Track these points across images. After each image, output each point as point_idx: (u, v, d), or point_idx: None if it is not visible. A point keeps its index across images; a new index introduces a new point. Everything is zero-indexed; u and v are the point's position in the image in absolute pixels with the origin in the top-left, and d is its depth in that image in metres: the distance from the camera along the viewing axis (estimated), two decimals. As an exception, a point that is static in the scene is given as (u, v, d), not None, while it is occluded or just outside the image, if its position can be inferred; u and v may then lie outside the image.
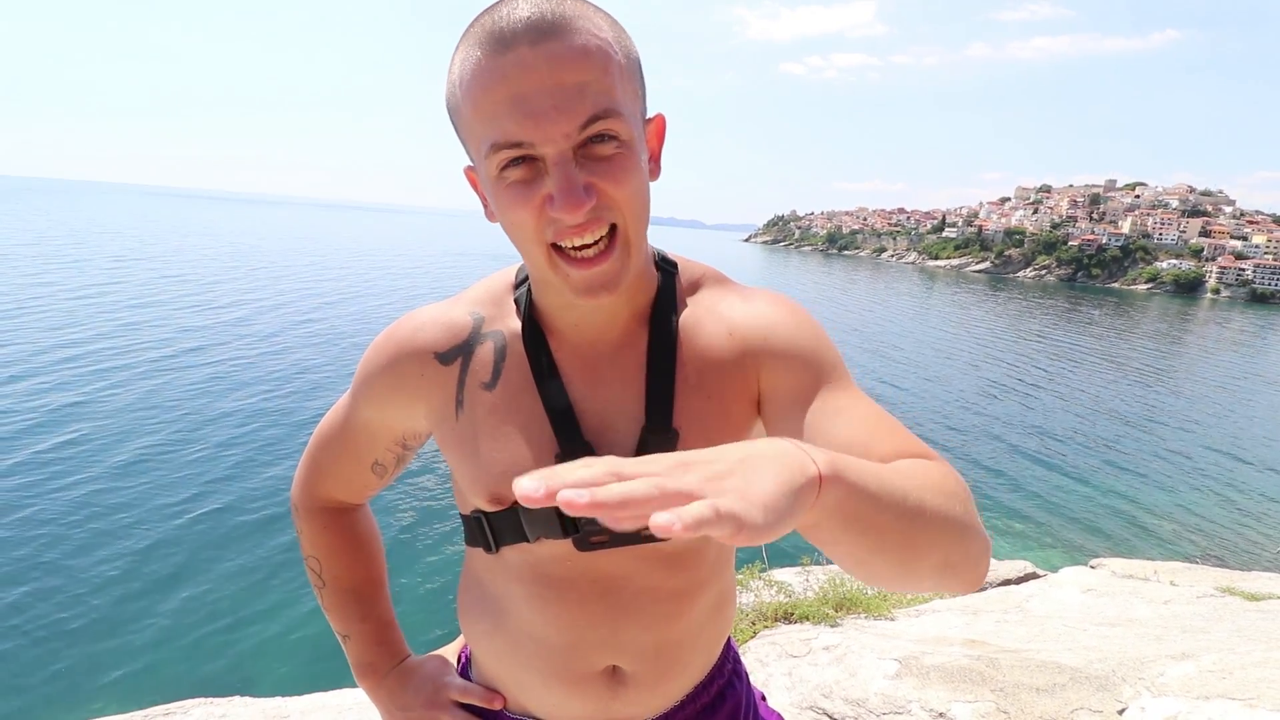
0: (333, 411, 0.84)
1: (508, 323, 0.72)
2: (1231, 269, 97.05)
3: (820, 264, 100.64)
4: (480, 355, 0.71)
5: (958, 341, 30.04)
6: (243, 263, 35.36)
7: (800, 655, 2.66)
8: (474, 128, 0.58)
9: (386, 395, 0.75)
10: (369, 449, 0.81)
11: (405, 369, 0.73)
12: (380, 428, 0.78)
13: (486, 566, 0.77)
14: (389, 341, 0.74)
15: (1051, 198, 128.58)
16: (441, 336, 0.72)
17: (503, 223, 0.62)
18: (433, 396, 0.72)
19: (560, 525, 0.67)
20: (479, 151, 0.59)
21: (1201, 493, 12.63)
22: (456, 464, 0.73)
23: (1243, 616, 3.15)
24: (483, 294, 0.75)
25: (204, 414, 11.77)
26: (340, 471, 0.84)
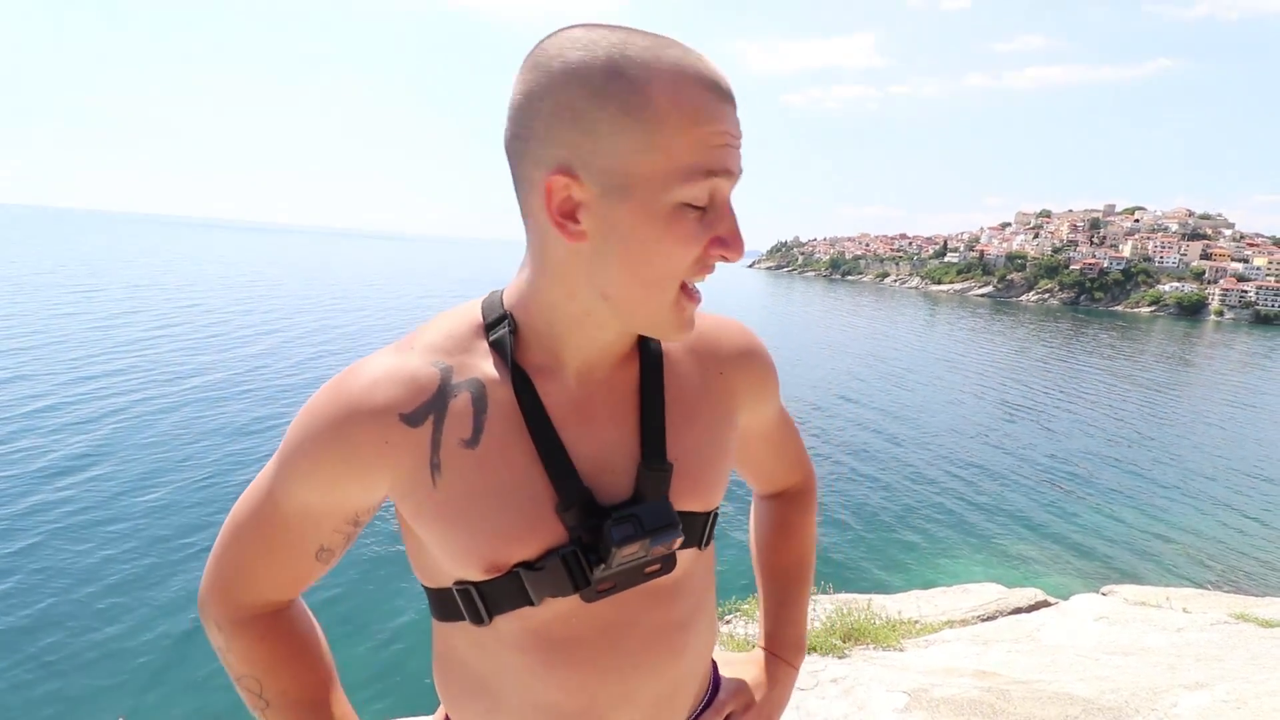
0: (256, 495, 0.68)
1: (481, 369, 0.64)
2: (1234, 291, 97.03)
3: (824, 290, 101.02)
4: (456, 410, 0.62)
5: (964, 367, 29.98)
6: (256, 291, 35.73)
7: (808, 688, 2.62)
8: (677, 151, 0.55)
9: (337, 470, 0.63)
10: (312, 535, 0.67)
11: (361, 436, 0.61)
12: (327, 509, 0.66)
13: (473, 641, 0.68)
14: (335, 403, 0.62)
15: (1051, 222, 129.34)
16: (404, 394, 0.62)
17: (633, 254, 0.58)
18: (400, 464, 0.62)
19: (570, 580, 0.63)
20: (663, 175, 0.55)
21: (1213, 517, 12.45)
22: (437, 537, 0.64)
23: (1257, 644, 3.10)
24: (441, 340, 0.65)
25: (217, 443, 11.79)
26: (275, 568, 0.69)
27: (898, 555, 10.00)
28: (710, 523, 0.72)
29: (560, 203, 0.57)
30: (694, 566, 0.73)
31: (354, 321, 28.97)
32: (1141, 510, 12.55)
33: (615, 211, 0.57)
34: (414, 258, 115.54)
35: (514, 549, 0.62)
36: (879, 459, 14.54)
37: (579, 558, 0.62)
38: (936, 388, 23.86)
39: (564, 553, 0.62)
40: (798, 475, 0.93)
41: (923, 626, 3.56)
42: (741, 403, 0.76)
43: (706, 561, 0.75)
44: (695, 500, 0.69)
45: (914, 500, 12.21)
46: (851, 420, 17.80)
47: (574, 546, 0.62)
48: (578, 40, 0.56)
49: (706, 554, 0.74)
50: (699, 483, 0.69)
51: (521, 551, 0.62)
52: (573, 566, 0.62)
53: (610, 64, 0.55)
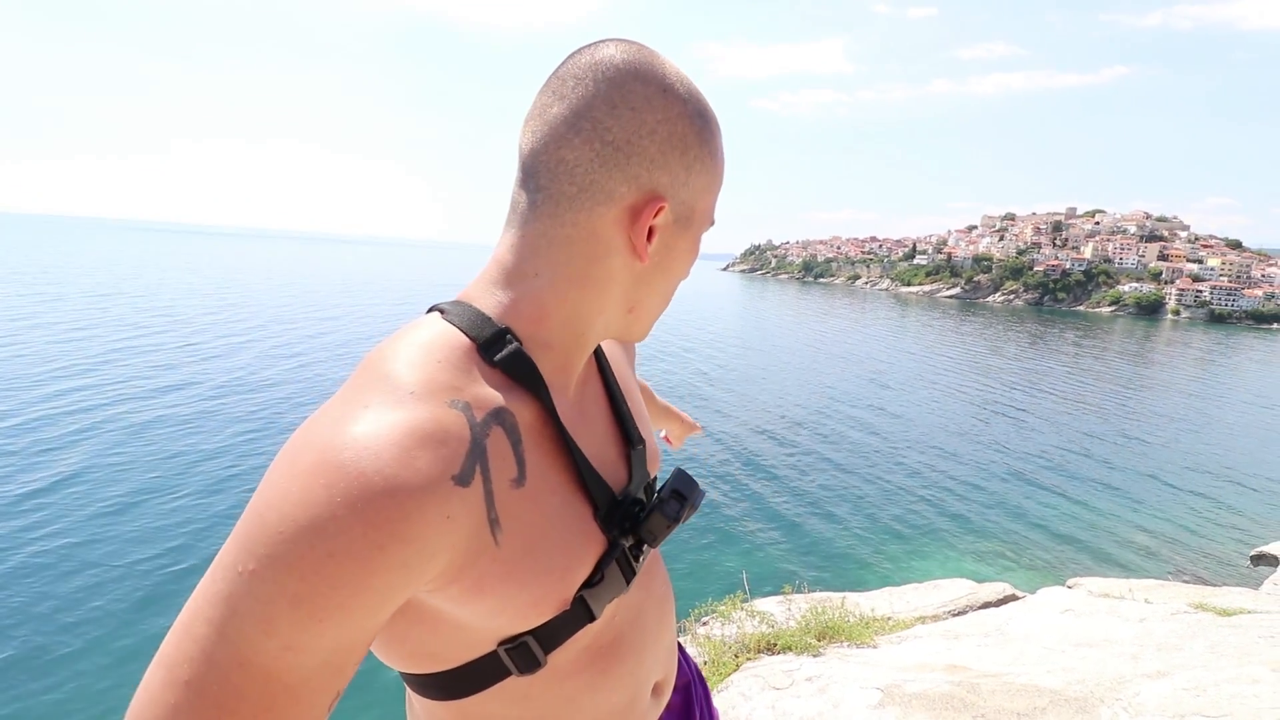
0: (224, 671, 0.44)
1: (492, 396, 0.56)
2: (1190, 291, 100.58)
3: (798, 292, 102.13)
4: (495, 450, 0.54)
5: (933, 368, 30.53)
6: (225, 298, 34.85)
7: (783, 687, 2.63)
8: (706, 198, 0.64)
9: (389, 582, 0.47)
10: (333, 684, 0.48)
11: (422, 522, 0.47)
12: (360, 640, 0.49)
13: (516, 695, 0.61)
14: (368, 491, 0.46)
15: (1016, 225, 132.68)
16: (444, 451, 0.50)
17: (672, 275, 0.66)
18: (459, 538, 0.51)
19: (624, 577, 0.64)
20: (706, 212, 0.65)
21: (1173, 509, 12.86)
22: (502, 601, 0.55)
23: (1215, 632, 3.20)
24: (439, 374, 0.54)
25: (188, 454, 11.45)
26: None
27: (871, 553, 10.12)
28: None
29: (651, 225, 0.60)
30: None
31: (330, 329, 28.43)
32: (1105, 504, 12.90)
33: (677, 239, 0.63)
34: (392, 261, 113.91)
35: (579, 574, 0.60)
36: (851, 458, 14.72)
37: (626, 555, 0.64)
38: (907, 388, 24.25)
39: (615, 555, 0.63)
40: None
41: (895, 623, 3.60)
42: (632, 363, 0.87)
43: None
44: (656, 464, 0.76)
45: (886, 499, 12.38)
46: (825, 421, 18.01)
47: (620, 547, 0.63)
48: (676, 71, 0.61)
49: None
50: (652, 447, 0.76)
51: (584, 573, 0.60)
52: (624, 565, 0.63)
53: (705, 109, 0.62)
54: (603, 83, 0.57)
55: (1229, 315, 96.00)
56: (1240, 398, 28.46)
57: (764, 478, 12.90)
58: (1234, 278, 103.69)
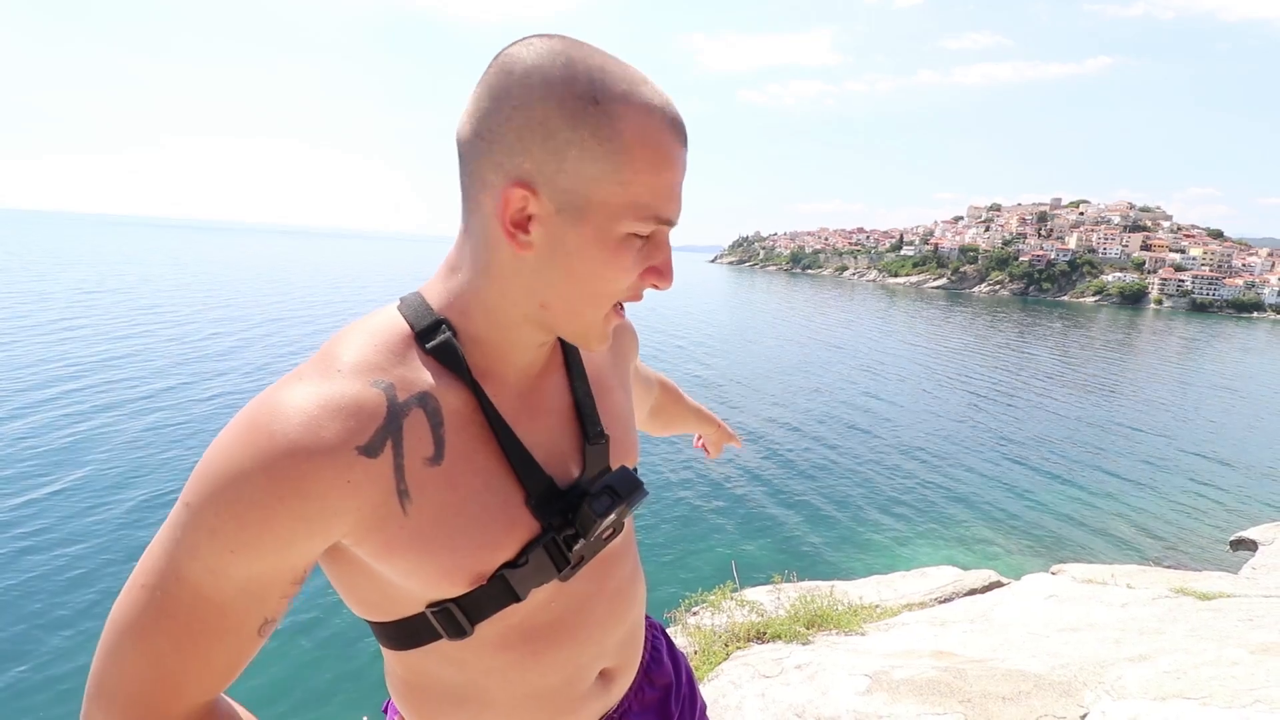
0: (162, 587, 0.55)
1: (425, 381, 0.61)
2: (1172, 280, 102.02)
3: (786, 284, 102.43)
4: (412, 429, 0.58)
5: (920, 358, 30.77)
6: (205, 290, 34.40)
7: (773, 675, 2.65)
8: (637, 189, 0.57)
9: (291, 528, 0.54)
10: (256, 611, 0.57)
11: (319, 482, 0.54)
12: (273, 576, 0.56)
13: (449, 657, 0.67)
14: (272, 452, 0.53)
15: (1002, 216, 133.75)
16: (353, 423, 0.56)
17: (577, 271, 0.59)
18: (363, 502, 0.56)
19: (554, 565, 0.65)
20: (620, 206, 0.57)
21: (1154, 496, 13.07)
22: (413, 565, 0.60)
23: (1196, 616, 3.25)
24: (369, 355, 0.60)
25: (166, 447, 11.33)
26: (206, 668, 0.57)
27: (859, 542, 10.21)
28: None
29: (515, 213, 0.58)
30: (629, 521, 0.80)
31: (308, 320, 28.17)
32: (1089, 492, 13.09)
33: (567, 231, 0.58)
34: (365, 255, 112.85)
35: (497, 554, 0.63)
36: (840, 449, 14.83)
37: (557, 543, 0.65)
38: (894, 380, 24.43)
39: (543, 541, 0.64)
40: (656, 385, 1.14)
41: (883, 610, 3.64)
42: (629, 361, 0.86)
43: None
44: (628, 458, 0.76)
45: (874, 488, 12.49)
46: (813, 412, 18.11)
47: (550, 534, 0.65)
48: (557, 56, 0.56)
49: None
50: (625, 443, 0.76)
51: (504, 554, 0.63)
52: (553, 552, 0.65)
53: (589, 89, 0.56)
54: (487, 76, 0.58)
55: (1210, 304, 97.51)
56: (1221, 386, 28.92)
57: (753, 468, 12.96)
58: (1215, 267, 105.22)
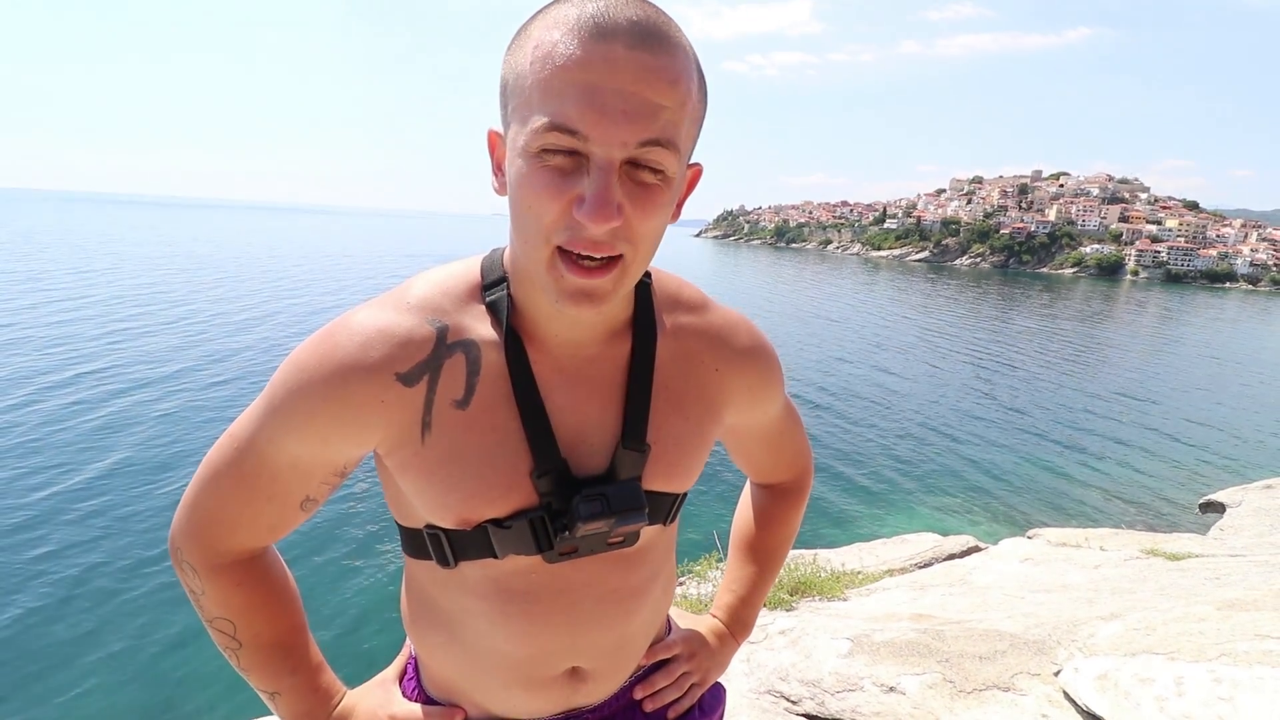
0: (238, 442, 0.67)
1: (477, 330, 0.64)
2: (1148, 252, 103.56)
3: (771, 258, 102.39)
4: (450, 370, 0.63)
5: (899, 330, 31.04)
6: (194, 270, 33.62)
7: (758, 641, 2.70)
8: (531, 98, 0.53)
9: (330, 427, 0.63)
10: (299, 487, 0.68)
11: (357, 395, 0.61)
12: (317, 462, 0.66)
13: (438, 580, 0.72)
14: (329, 361, 0.62)
15: (983, 188, 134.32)
16: (399, 352, 0.62)
17: (516, 201, 0.57)
18: (392, 422, 0.63)
19: (534, 542, 0.66)
20: (523, 122, 0.54)
21: (1127, 461, 13.41)
22: (418, 488, 0.65)
23: (1165, 576, 3.36)
24: (437, 297, 0.65)
25: (168, 430, 11.16)
26: (257, 518, 0.69)
27: (841, 511, 10.39)
28: (680, 502, 0.75)
29: (498, 156, 0.61)
30: (657, 539, 0.76)
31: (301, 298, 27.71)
32: (1064, 458, 13.40)
33: (508, 157, 0.58)
34: (355, 232, 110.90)
35: (485, 508, 0.65)
36: (820, 419, 15.00)
37: (545, 523, 0.65)
38: (874, 351, 24.66)
39: (531, 516, 0.65)
40: (793, 472, 0.95)
41: (865, 576, 3.71)
42: (733, 401, 0.77)
43: (669, 535, 0.79)
44: (668, 483, 0.71)
45: (855, 457, 12.68)
46: (794, 382, 18.26)
47: (542, 512, 0.65)
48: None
49: (670, 529, 0.78)
50: (674, 467, 0.71)
51: (492, 510, 0.65)
52: (538, 530, 0.65)
53: (533, 18, 0.56)
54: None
55: (1185, 275, 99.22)
56: (1192, 354, 29.58)
57: (738, 441, 13.07)
58: (1190, 238, 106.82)
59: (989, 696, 2.05)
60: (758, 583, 0.96)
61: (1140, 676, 1.96)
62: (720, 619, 0.95)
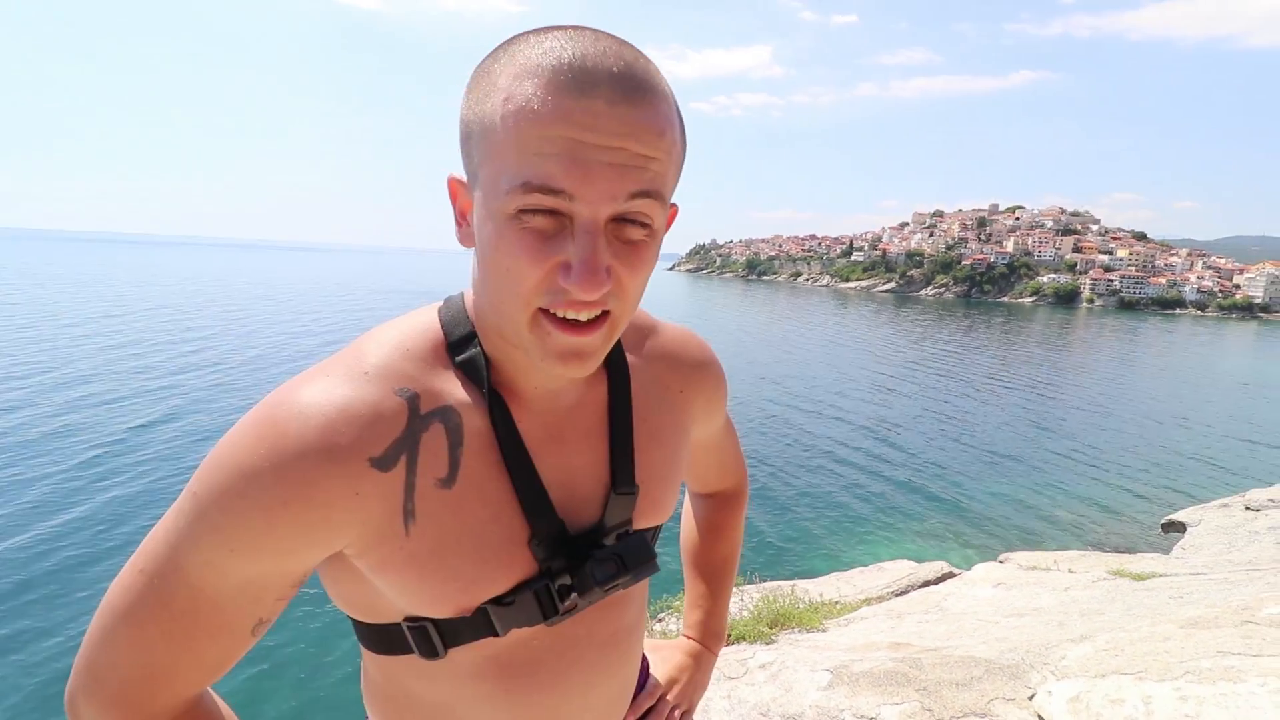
0: (158, 580, 0.53)
1: (451, 394, 0.56)
2: (1102, 280, 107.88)
3: (743, 290, 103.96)
4: (429, 446, 0.54)
5: (869, 360, 31.62)
6: (135, 307, 32.76)
7: (738, 676, 2.68)
8: (505, 155, 0.48)
9: (293, 536, 0.51)
10: (250, 611, 0.55)
11: (324, 492, 0.50)
12: (271, 579, 0.54)
13: (420, 673, 0.63)
14: (283, 453, 0.50)
15: (944, 221, 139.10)
16: (369, 432, 0.52)
17: (490, 263, 0.51)
18: (369, 517, 0.53)
19: (540, 611, 0.60)
20: (496, 180, 0.49)
21: (1093, 485, 13.73)
22: (403, 585, 0.56)
23: (1131, 596, 3.44)
24: (398, 360, 0.56)
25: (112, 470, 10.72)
26: (197, 662, 0.55)
27: (820, 541, 10.41)
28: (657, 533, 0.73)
29: (461, 205, 0.56)
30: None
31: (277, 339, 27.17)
32: (1033, 483, 13.66)
33: (477, 214, 0.52)
34: (324, 269, 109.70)
35: (488, 589, 0.58)
36: (795, 451, 15.09)
37: (550, 590, 0.60)
38: (846, 383, 25.04)
39: (535, 587, 0.59)
40: (733, 479, 0.95)
41: (843, 606, 3.72)
42: (695, 417, 0.76)
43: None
44: (654, 517, 0.69)
45: (831, 488, 12.75)
46: (768, 416, 18.39)
47: (545, 580, 0.59)
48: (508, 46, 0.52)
49: None
50: (659, 503, 0.68)
51: (493, 590, 0.58)
52: (543, 598, 0.60)
53: (492, 60, 0.50)
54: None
55: (1137, 302, 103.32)
56: (1150, 379, 30.63)
57: (714, 474, 13.07)
58: (1140, 267, 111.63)
59: (966, 723, 2.07)
60: (719, 592, 0.96)
61: (1110, 698, 2.00)
62: (694, 638, 0.95)
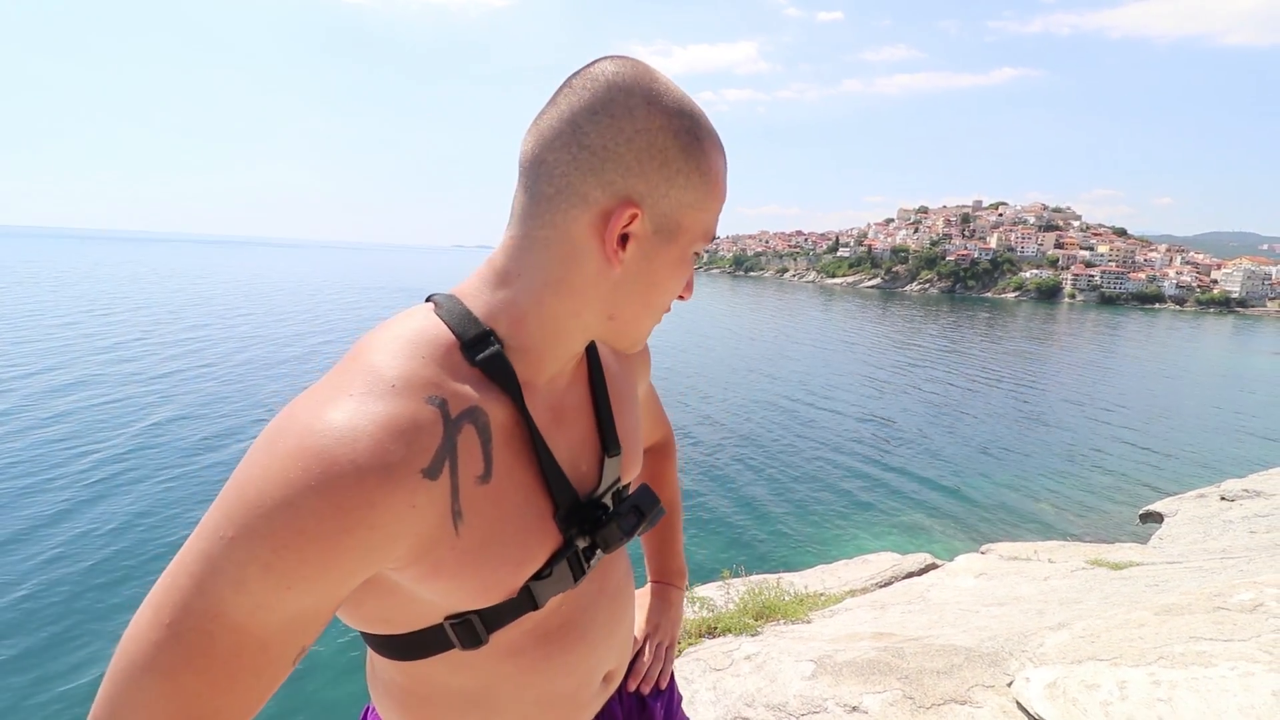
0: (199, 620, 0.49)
1: (471, 395, 0.59)
2: (1083, 276, 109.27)
3: (731, 286, 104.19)
4: (465, 447, 0.57)
5: (855, 355, 31.85)
6: (125, 304, 32.20)
7: (723, 668, 2.70)
8: (701, 214, 0.64)
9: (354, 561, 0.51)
10: (297, 641, 0.53)
11: (387, 510, 0.51)
12: (323, 607, 0.53)
13: (457, 667, 0.66)
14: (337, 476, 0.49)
15: (929, 217, 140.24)
16: (416, 445, 0.53)
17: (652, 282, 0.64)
18: (424, 527, 0.55)
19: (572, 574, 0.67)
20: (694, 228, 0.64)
21: (1073, 476, 13.95)
22: (455, 584, 0.59)
23: (1109, 585, 3.50)
24: (420, 369, 0.57)
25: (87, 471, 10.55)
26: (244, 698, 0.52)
27: (804, 534, 10.49)
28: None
29: (620, 231, 0.60)
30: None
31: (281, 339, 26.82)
32: (1014, 474, 13.85)
33: (658, 250, 0.62)
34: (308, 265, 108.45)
35: (529, 567, 0.64)
36: (781, 445, 15.19)
37: (578, 554, 0.67)
38: (831, 376, 25.21)
39: (566, 555, 0.66)
40: (664, 428, 1.08)
41: (828, 598, 3.76)
42: (639, 379, 0.87)
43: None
44: (633, 472, 0.78)
45: (816, 481, 12.85)
46: (753, 410, 18.48)
47: (573, 547, 0.66)
48: (667, 87, 0.61)
49: None
50: (634, 455, 0.78)
51: (534, 566, 0.64)
52: (574, 563, 0.66)
53: (697, 126, 0.62)
54: (590, 91, 0.59)
55: (1118, 297, 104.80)
56: (1130, 373, 31.12)
57: (698, 468, 13.13)
58: (1121, 263, 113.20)
59: (947, 711, 2.10)
60: (672, 536, 1.09)
61: (1086, 683, 2.05)
62: (660, 580, 1.09)
